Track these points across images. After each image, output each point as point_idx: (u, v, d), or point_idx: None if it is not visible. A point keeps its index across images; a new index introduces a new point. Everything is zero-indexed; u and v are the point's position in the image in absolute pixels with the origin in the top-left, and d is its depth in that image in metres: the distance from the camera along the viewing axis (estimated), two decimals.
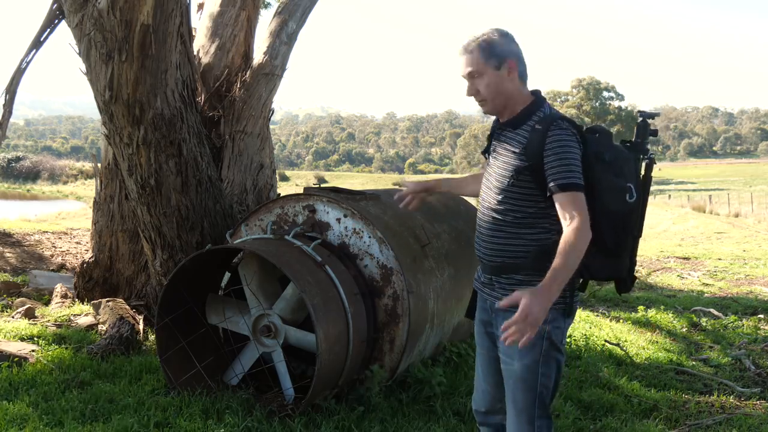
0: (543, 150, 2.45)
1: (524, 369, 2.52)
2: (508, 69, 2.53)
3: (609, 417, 4.12)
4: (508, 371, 2.58)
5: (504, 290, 2.57)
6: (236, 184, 5.90)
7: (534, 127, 2.50)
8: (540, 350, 2.51)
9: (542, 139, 2.46)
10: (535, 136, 2.48)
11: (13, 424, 3.59)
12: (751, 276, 10.75)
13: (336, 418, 3.70)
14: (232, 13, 6.40)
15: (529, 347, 2.45)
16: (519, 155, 2.51)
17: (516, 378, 2.54)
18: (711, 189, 52.24)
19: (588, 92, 69.70)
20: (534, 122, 2.52)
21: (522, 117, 2.56)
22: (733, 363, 5.54)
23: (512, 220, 2.54)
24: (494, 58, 2.52)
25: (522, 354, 2.50)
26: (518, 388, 2.55)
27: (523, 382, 2.53)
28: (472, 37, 2.57)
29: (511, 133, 2.57)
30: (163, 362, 4.07)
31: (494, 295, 2.63)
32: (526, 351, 2.48)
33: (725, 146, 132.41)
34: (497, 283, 2.62)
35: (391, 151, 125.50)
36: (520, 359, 2.52)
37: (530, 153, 2.48)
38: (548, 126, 2.47)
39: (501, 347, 2.58)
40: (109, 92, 4.36)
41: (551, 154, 2.44)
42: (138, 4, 4.19)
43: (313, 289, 3.70)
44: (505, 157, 2.56)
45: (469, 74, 2.55)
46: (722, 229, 21.55)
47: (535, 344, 2.47)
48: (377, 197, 4.59)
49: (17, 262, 9.08)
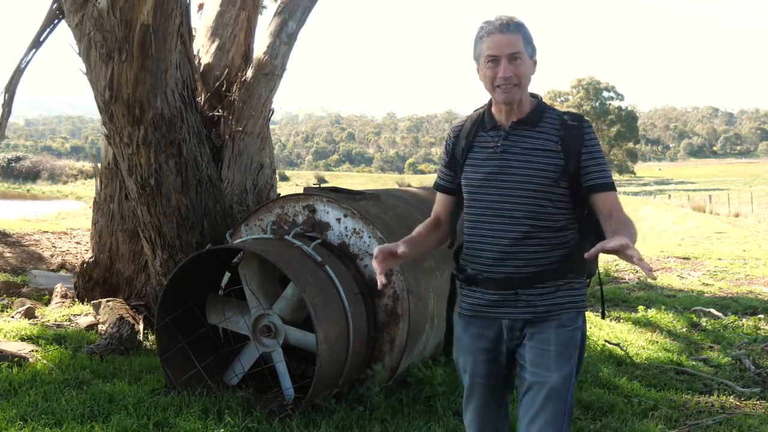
0: (582, 147, 2.36)
1: (561, 380, 2.36)
2: (535, 62, 2.42)
3: (609, 417, 4.12)
4: (538, 385, 2.38)
5: (531, 305, 2.40)
6: (236, 184, 5.90)
7: (567, 123, 2.39)
8: (575, 359, 2.41)
9: (580, 137, 2.37)
10: (572, 133, 2.37)
11: (13, 424, 3.59)
12: (751, 276, 10.75)
13: (336, 418, 3.70)
14: (232, 13, 6.40)
15: (567, 357, 2.38)
16: (555, 153, 2.37)
17: (550, 390, 2.36)
18: (711, 189, 52.24)
19: (588, 92, 69.69)
20: (557, 119, 2.41)
21: (538, 114, 2.43)
22: (733, 363, 5.54)
23: (548, 225, 2.38)
24: (531, 47, 2.39)
25: (560, 365, 2.37)
26: (551, 401, 2.36)
27: (558, 394, 2.36)
28: (504, 16, 2.38)
29: (530, 131, 2.40)
30: (163, 362, 4.07)
31: (519, 311, 2.42)
32: (564, 361, 2.37)
33: (725, 146, 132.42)
34: (524, 296, 2.41)
35: (391, 151, 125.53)
36: (558, 370, 2.36)
37: (568, 151, 2.36)
38: (581, 122, 2.40)
39: (533, 360, 2.40)
40: (109, 92, 4.36)
41: (591, 151, 2.37)
42: (138, 4, 4.18)
43: (313, 289, 3.70)
44: (534, 157, 2.38)
45: (511, 55, 2.34)
46: (722, 229, 21.54)
47: (572, 354, 2.39)
48: (377, 197, 4.59)
49: (17, 262, 9.08)
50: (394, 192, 5.48)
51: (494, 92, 2.40)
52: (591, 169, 2.36)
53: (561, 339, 2.39)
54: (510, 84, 2.35)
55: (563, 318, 2.40)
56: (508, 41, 2.34)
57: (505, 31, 2.34)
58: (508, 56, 2.33)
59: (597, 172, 2.37)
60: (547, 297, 2.40)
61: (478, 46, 2.41)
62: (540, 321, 2.41)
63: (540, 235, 2.38)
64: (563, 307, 2.41)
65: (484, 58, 2.38)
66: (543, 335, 2.40)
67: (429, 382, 4.27)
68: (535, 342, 2.41)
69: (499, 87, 2.36)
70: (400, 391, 4.15)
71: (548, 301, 2.40)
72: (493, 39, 2.35)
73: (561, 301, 2.41)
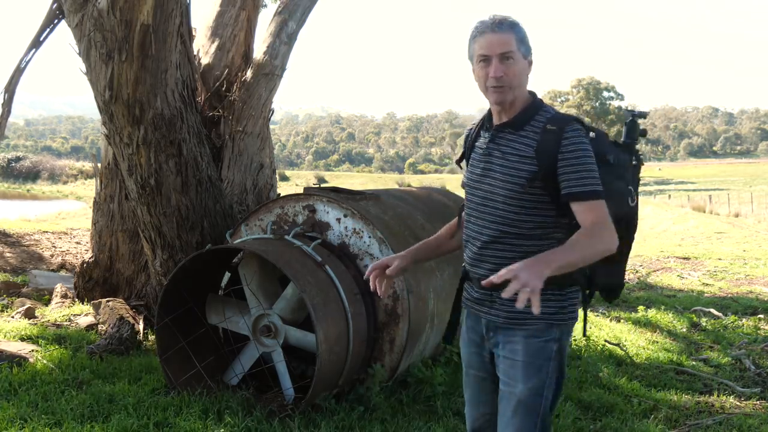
0: (558, 153, 2.24)
1: (529, 392, 2.31)
2: (530, 62, 2.34)
3: (609, 417, 4.12)
4: (508, 394, 2.35)
5: (503, 310, 2.35)
6: (236, 184, 5.90)
7: (545, 127, 2.28)
8: (547, 372, 2.32)
9: (557, 142, 2.25)
10: (548, 137, 2.26)
11: (13, 424, 3.59)
12: (751, 276, 10.75)
13: (336, 418, 3.70)
14: (232, 13, 6.40)
15: (536, 368, 2.31)
16: (528, 159, 2.28)
17: (518, 401, 2.32)
18: (711, 189, 52.24)
19: (588, 92, 69.67)
20: (543, 122, 2.31)
21: (524, 117, 2.33)
22: (733, 363, 5.54)
23: (521, 231, 2.31)
24: (524, 46, 2.31)
25: (527, 376, 2.31)
26: (519, 412, 2.32)
27: (526, 406, 2.31)
28: (498, 16, 2.32)
29: (513, 135, 2.34)
30: (163, 362, 4.07)
31: (493, 313, 2.39)
32: (532, 373, 2.31)
33: (725, 146, 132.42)
34: (498, 300, 2.33)
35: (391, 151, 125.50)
36: (525, 382, 2.31)
37: (542, 156, 2.26)
38: (562, 127, 2.26)
39: (503, 368, 2.38)
40: (109, 92, 4.36)
41: (568, 158, 2.24)
42: (138, 4, 4.18)
43: (313, 289, 3.70)
44: (510, 162, 2.32)
45: (503, 54, 2.27)
46: (722, 229, 21.54)
47: (542, 366, 2.31)
48: (377, 197, 4.59)
49: (17, 262, 9.08)
50: (394, 192, 5.48)
51: (486, 93, 2.35)
52: (567, 177, 2.24)
53: (530, 350, 2.32)
54: (500, 85, 2.29)
55: (533, 329, 2.32)
56: (500, 40, 2.27)
57: (498, 30, 2.28)
58: (499, 56, 2.27)
59: (573, 179, 2.23)
60: (509, 304, 2.24)
61: (471, 45, 2.36)
62: (511, 329, 2.36)
63: (510, 241, 2.33)
64: (532, 316, 2.20)
65: (477, 58, 2.33)
66: (513, 345, 2.35)
67: (429, 382, 4.27)
68: (506, 351, 2.37)
69: (492, 87, 2.31)
70: (400, 391, 4.15)
71: (511, 309, 2.31)
72: (486, 38, 2.30)
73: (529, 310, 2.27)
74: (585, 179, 2.24)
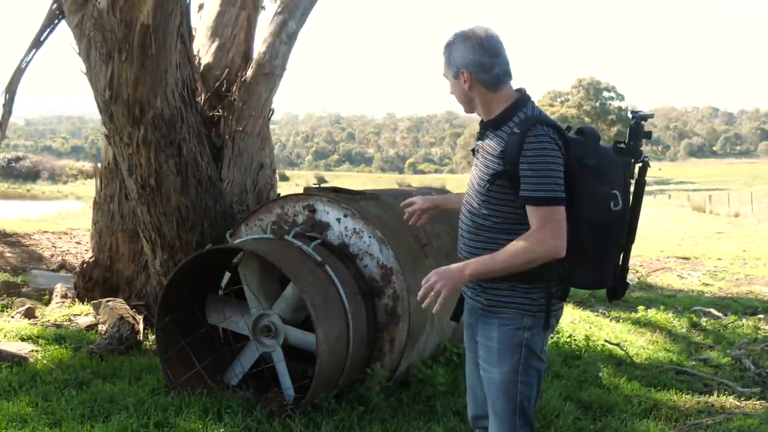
0: (519, 156, 2.33)
1: (503, 377, 2.48)
2: (464, 79, 2.46)
3: (609, 417, 4.12)
4: (487, 379, 2.54)
5: (486, 294, 2.52)
6: (236, 184, 5.90)
7: (512, 130, 2.38)
8: (519, 358, 2.46)
9: (519, 144, 2.33)
10: (512, 140, 2.36)
11: (12, 424, 3.59)
12: (751, 276, 10.75)
13: (336, 418, 3.70)
14: (232, 13, 6.40)
15: (509, 355, 2.45)
16: (497, 159, 2.41)
17: (496, 386, 2.50)
18: (711, 189, 52.20)
19: (588, 92, 69.62)
20: (513, 124, 2.40)
21: (502, 118, 2.45)
22: (733, 363, 5.54)
23: (491, 224, 2.46)
24: (452, 68, 2.49)
25: (501, 362, 2.47)
26: (498, 396, 2.50)
27: (503, 390, 2.48)
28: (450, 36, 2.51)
29: (492, 134, 2.47)
30: (163, 362, 4.07)
31: (476, 300, 2.57)
32: (506, 359, 2.46)
33: (725, 146, 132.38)
34: (478, 287, 2.53)
35: (391, 151, 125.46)
36: (499, 367, 2.48)
37: (507, 158, 2.36)
38: (526, 130, 2.34)
39: (481, 354, 2.56)
40: (109, 92, 4.36)
41: (527, 161, 2.32)
42: (138, 4, 4.18)
43: (313, 289, 3.70)
44: (486, 160, 2.47)
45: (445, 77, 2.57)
46: (722, 229, 21.53)
47: (513, 352, 2.46)
48: (377, 197, 4.59)
49: (17, 262, 9.08)
50: (394, 192, 5.48)
51: None
52: (524, 180, 2.34)
53: (503, 337, 2.48)
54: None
55: (505, 316, 2.48)
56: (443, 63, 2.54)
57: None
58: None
59: (529, 183, 2.33)
60: (491, 292, 2.49)
61: None
62: (488, 316, 2.52)
63: (482, 233, 2.50)
64: (505, 305, 2.47)
65: None
66: (489, 332, 2.52)
67: (429, 382, 4.27)
68: (481, 337, 2.56)
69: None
70: (400, 391, 4.15)
71: (490, 296, 2.50)
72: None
73: (503, 299, 2.48)
74: (540, 185, 2.32)
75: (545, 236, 2.31)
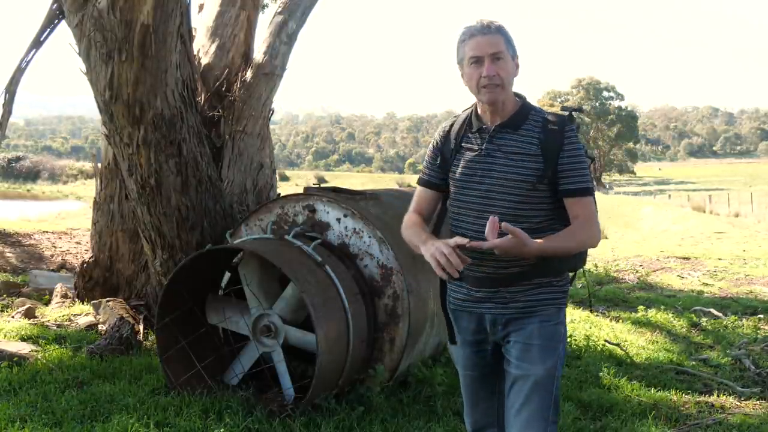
0: (560, 151, 2.40)
1: (545, 373, 2.44)
2: (517, 64, 2.47)
3: (609, 417, 4.12)
4: (523, 378, 2.45)
5: (513, 301, 2.47)
6: (236, 184, 5.90)
7: (547, 126, 2.42)
8: (559, 354, 2.48)
9: (560, 140, 2.40)
10: (551, 136, 2.41)
11: (12, 423, 3.59)
12: (751, 276, 10.74)
13: (336, 418, 3.70)
14: (232, 13, 6.40)
15: (551, 351, 2.46)
16: (533, 157, 2.41)
17: (535, 383, 2.43)
18: (711, 189, 52.21)
19: (588, 92, 69.59)
20: (540, 121, 2.44)
21: (520, 117, 2.47)
22: (733, 363, 5.54)
23: (529, 226, 2.39)
24: (512, 48, 2.45)
25: (544, 358, 2.44)
26: (536, 393, 2.44)
27: (543, 386, 2.44)
28: (483, 19, 2.45)
29: (513, 135, 2.45)
30: (163, 362, 4.07)
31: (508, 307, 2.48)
32: (549, 355, 2.45)
33: (725, 146, 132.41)
34: (506, 293, 2.47)
35: (391, 151, 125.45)
36: (543, 363, 2.44)
37: (548, 155, 2.40)
38: (563, 126, 2.42)
39: (517, 354, 2.47)
40: (109, 92, 4.36)
41: (568, 155, 2.40)
42: (138, 4, 4.19)
43: (313, 289, 3.70)
44: (514, 161, 2.43)
45: (494, 54, 2.39)
46: (722, 229, 21.53)
47: (555, 348, 2.47)
48: (377, 197, 4.59)
49: (17, 262, 9.09)
50: (394, 192, 5.48)
51: (479, 93, 2.46)
52: (566, 174, 2.41)
53: (544, 333, 2.46)
54: (493, 84, 2.40)
55: (545, 313, 2.47)
56: (490, 41, 2.40)
57: (487, 32, 2.41)
58: (490, 56, 2.40)
59: (572, 176, 2.41)
60: (527, 294, 2.46)
61: (461, 49, 2.48)
62: (522, 317, 2.47)
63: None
64: (543, 303, 2.47)
65: (468, 60, 2.44)
66: (526, 330, 2.47)
67: (429, 382, 4.28)
68: (520, 337, 2.48)
69: (484, 87, 2.42)
70: (401, 391, 4.15)
71: (529, 298, 2.47)
72: (476, 41, 2.42)
73: (542, 297, 2.47)
74: (584, 176, 2.43)
75: (594, 225, 2.42)
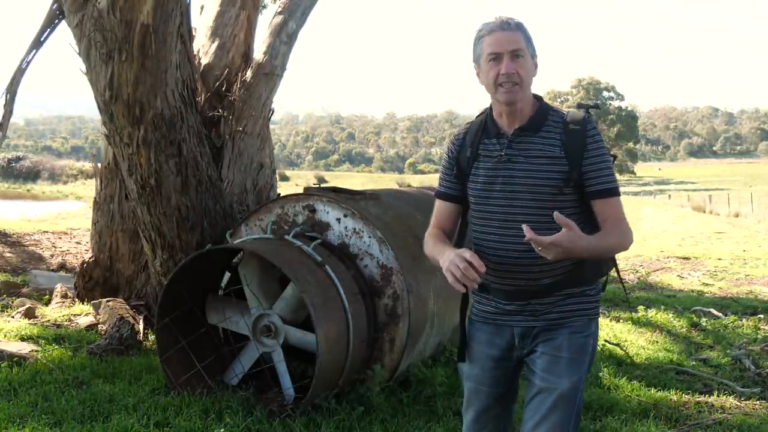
0: (584, 152, 2.30)
1: (571, 386, 2.34)
2: (536, 63, 2.37)
3: (609, 417, 4.12)
4: (547, 390, 2.34)
5: (545, 313, 2.37)
6: (236, 184, 5.90)
7: (568, 127, 2.33)
8: (585, 367, 2.39)
9: (582, 140, 2.31)
10: (573, 136, 2.32)
11: (12, 423, 3.59)
12: (751, 276, 10.74)
13: (336, 418, 3.70)
14: (232, 13, 6.40)
15: (579, 364, 2.36)
16: (557, 160, 2.32)
17: (559, 396, 2.32)
18: (711, 189, 52.19)
19: (588, 92, 69.61)
20: (559, 122, 2.35)
21: (539, 118, 2.37)
22: (733, 363, 5.54)
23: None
24: (531, 46, 2.35)
25: (571, 371, 2.34)
26: (559, 406, 2.33)
27: (567, 400, 2.33)
28: (504, 16, 2.35)
29: (534, 138, 2.35)
30: (163, 362, 4.07)
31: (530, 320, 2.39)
32: (576, 368, 2.35)
33: (725, 146, 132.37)
34: (538, 305, 2.37)
35: (391, 151, 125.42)
36: (569, 377, 2.33)
37: (572, 157, 2.31)
38: (585, 126, 2.33)
39: (544, 366, 2.36)
40: (109, 92, 4.36)
41: (592, 155, 2.31)
42: (138, 4, 4.19)
43: (313, 289, 3.70)
44: (537, 165, 2.33)
45: (514, 51, 2.29)
46: (722, 229, 21.52)
47: (583, 361, 2.37)
48: (377, 197, 4.59)
49: (17, 262, 9.09)
50: (394, 192, 5.49)
51: (496, 92, 2.33)
52: (592, 174, 2.31)
53: (573, 346, 2.36)
54: (512, 82, 2.29)
55: (576, 324, 2.37)
56: (509, 38, 2.30)
57: (506, 28, 2.31)
58: (510, 53, 2.29)
59: (598, 177, 2.31)
60: (559, 305, 2.37)
61: (477, 46, 2.36)
62: (552, 328, 2.38)
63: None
64: (575, 313, 2.37)
65: (486, 57, 2.33)
66: (555, 342, 2.37)
67: (429, 382, 4.27)
68: (547, 348, 2.37)
69: (501, 86, 2.30)
70: (401, 391, 4.15)
71: (561, 309, 2.37)
72: (494, 37, 2.31)
73: (573, 308, 2.37)
74: (611, 176, 2.34)
75: (628, 225, 2.33)
